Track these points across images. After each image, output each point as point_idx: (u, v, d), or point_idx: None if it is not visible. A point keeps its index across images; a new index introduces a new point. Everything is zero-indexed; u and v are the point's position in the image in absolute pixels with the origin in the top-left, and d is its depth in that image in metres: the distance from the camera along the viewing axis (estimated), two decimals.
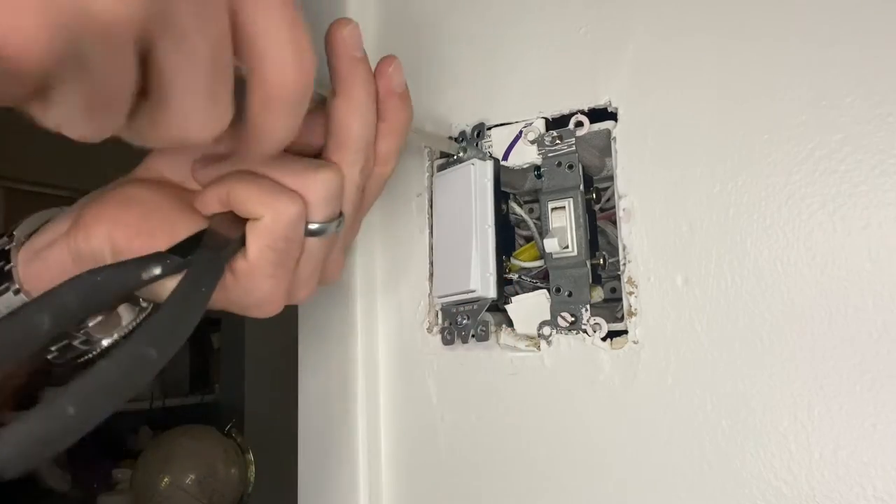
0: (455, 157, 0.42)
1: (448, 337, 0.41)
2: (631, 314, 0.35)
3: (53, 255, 0.31)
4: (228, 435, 1.87)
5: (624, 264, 0.36)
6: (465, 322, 0.40)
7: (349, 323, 0.44)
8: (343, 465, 0.43)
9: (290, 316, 0.46)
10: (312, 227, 0.31)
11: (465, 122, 0.42)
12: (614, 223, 0.37)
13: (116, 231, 0.30)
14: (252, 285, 0.31)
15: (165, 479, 1.66)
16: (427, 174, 0.44)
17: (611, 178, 0.37)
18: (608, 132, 0.37)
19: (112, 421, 0.29)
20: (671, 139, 0.35)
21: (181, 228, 0.30)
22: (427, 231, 0.43)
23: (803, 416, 0.30)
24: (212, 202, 0.30)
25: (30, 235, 0.34)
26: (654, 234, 0.35)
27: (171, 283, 0.28)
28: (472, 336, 0.39)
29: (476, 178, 0.40)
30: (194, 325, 0.25)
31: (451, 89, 0.44)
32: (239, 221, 0.30)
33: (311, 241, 0.31)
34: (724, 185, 0.33)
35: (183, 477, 1.69)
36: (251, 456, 1.86)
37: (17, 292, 0.32)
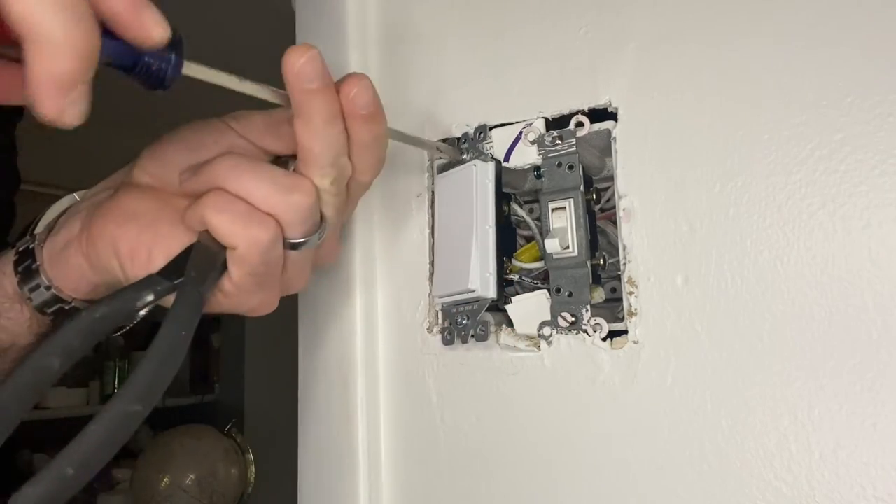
0: (459, 161, 0.42)
1: (448, 337, 0.41)
2: (631, 314, 0.35)
3: (72, 260, 0.33)
4: (228, 435, 1.87)
5: (624, 264, 0.36)
6: (464, 322, 0.40)
7: (349, 323, 0.44)
8: (343, 465, 0.43)
9: (290, 316, 0.46)
10: (293, 241, 0.31)
11: (465, 123, 0.42)
12: (614, 223, 0.37)
13: (120, 247, 0.32)
14: (242, 300, 0.32)
15: (165, 479, 1.66)
16: (427, 174, 0.44)
17: (611, 178, 0.37)
18: (608, 132, 0.37)
19: None
20: (671, 139, 0.35)
21: (174, 242, 0.31)
22: (427, 231, 0.43)
23: (803, 416, 0.30)
24: (194, 223, 0.31)
25: (50, 228, 0.35)
26: (654, 234, 0.35)
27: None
28: (472, 336, 0.39)
29: (478, 179, 0.40)
30: (176, 370, 0.27)
31: (451, 90, 0.44)
32: None
33: (294, 252, 0.32)
34: (724, 185, 0.33)
35: (183, 477, 1.69)
36: (251, 456, 1.86)
37: (48, 288, 0.34)
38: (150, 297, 0.29)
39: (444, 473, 0.41)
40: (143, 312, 0.30)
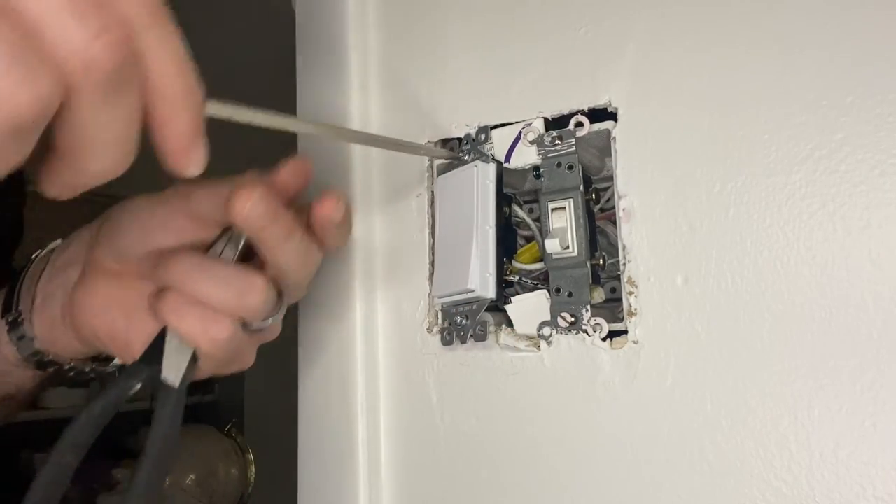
0: (457, 159, 0.42)
1: (447, 337, 0.41)
2: (631, 314, 0.35)
3: (61, 338, 0.36)
4: (228, 435, 1.87)
5: (624, 264, 0.36)
6: (463, 322, 0.40)
7: (349, 323, 0.44)
8: (343, 465, 0.43)
9: (290, 316, 0.46)
10: (254, 327, 0.33)
11: (465, 123, 0.42)
12: (614, 223, 0.37)
13: (100, 335, 0.34)
14: (220, 371, 0.34)
15: (166, 480, 1.66)
16: (427, 174, 0.44)
17: (611, 178, 0.37)
18: (608, 132, 0.37)
19: (112, 421, 0.31)
20: (671, 139, 0.35)
21: (148, 327, 0.33)
22: (427, 231, 0.43)
23: (803, 416, 0.30)
24: (158, 319, 0.32)
25: (33, 297, 0.37)
26: (654, 234, 0.35)
27: None
28: (471, 336, 0.39)
29: (479, 180, 0.40)
30: (173, 460, 0.30)
31: (451, 90, 0.44)
32: None
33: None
34: (724, 185, 0.33)
35: (183, 477, 1.69)
36: (251, 456, 1.86)
37: (46, 356, 0.37)
38: (138, 385, 0.32)
39: (443, 473, 0.41)
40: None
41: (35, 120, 0.20)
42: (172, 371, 0.31)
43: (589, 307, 0.36)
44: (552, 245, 0.37)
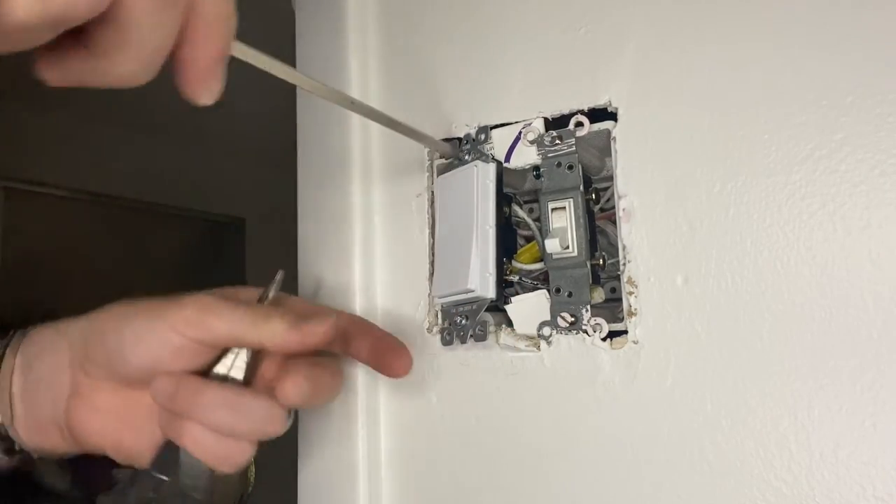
0: (458, 159, 0.42)
1: (447, 337, 0.41)
2: (631, 314, 0.35)
3: (53, 442, 0.35)
4: None
5: (624, 264, 0.36)
6: (463, 322, 0.40)
7: None
8: (343, 464, 0.43)
9: None
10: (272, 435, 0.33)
11: (465, 123, 0.42)
12: (614, 223, 0.37)
13: (105, 445, 0.34)
14: None
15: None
16: (427, 174, 0.44)
17: (610, 178, 0.37)
18: (608, 132, 0.37)
19: None
20: (671, 139, 0.35)
21: (156, 436, 0.33)
22: (427, 231, 0.43)
23: (803, 416, 0.30)
24: (174, 440, 0.32)
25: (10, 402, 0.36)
26: (654, 234, 0.35)
27: None
28: (471, 336, 0.39)
29: (479, 180, 0.40)
30: None
31: (451, 90, 0.44)
32: None
33: None
34: (724, 185, 0.33)
35: None
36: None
37: (30, 455, 0.37)
38: (153, 495, 0.32)
39: (443, 473, 0.41)
40: None
41: (86, 16, 0.20)
42: (191, 480, 0.32)
43: (589, 307, 0.36)
44: (552, 245, 0.37)
